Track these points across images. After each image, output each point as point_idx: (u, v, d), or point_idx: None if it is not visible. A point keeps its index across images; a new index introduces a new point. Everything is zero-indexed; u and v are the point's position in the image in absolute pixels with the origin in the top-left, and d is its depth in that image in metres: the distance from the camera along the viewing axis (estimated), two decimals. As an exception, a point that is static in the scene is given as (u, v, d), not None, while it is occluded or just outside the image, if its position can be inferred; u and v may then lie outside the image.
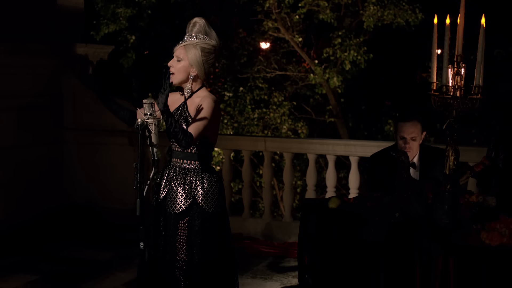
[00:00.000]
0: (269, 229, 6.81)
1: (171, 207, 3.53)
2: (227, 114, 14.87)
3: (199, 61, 3.55)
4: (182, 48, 3.55)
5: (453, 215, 3.20)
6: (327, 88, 14.77)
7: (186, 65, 3.55)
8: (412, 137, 4.25)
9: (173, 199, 3.53)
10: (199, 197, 3.51)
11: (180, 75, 3.56)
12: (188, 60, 3.54)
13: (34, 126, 6.71)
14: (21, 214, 6.53)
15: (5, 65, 6.34)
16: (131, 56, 14.59)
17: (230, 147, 7.16)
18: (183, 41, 3.57)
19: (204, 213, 3.50)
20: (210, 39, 3.58)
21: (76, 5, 7.21)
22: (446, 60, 3.08)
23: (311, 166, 6.76)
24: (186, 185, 3.52)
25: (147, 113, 3.46)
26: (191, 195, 3.51)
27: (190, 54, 3.53)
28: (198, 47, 3.54)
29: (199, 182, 3.52)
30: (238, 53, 15.17)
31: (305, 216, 3.82)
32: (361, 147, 6.54)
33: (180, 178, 3.55)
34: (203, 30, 3.58)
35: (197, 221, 3.50)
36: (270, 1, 13.90)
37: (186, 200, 3.50)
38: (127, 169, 6.43)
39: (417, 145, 4.27)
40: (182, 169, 3.57)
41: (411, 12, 13.79)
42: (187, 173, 3.55)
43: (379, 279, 3.22)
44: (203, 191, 3.52)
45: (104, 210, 6.96)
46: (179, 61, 3.55)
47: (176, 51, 3.58)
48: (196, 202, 3.51)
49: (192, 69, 3.56)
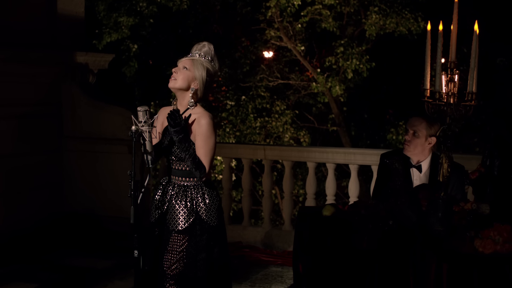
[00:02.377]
0: (268, 237, 6.79)
1: (174, 224, 3.54)
2: (229, 122, 14.87)
3: (203, 79, 3.59)
4: (190, 60, 3.59)
5: (447, 222, 3.19)
6: (329, 96, 14.77)
7: (191, 76, 3.57)
8: (414, 131, 4.21)
9: (175, 216, 3.54)
10: (202, 213, 3.54)
11: (182, 82, 3.57)
12: (194, 72, 3.57)
13: (34, 135, 6.68)
14: (21, 222, 6.49)
15: (5, 73, 6.31)
16: (134, 65, 14.60)
17: (230, 155, 7.17)
18: (192, 55, 3.61)
19: (209, 228, 3.54)
20: (215, 64, 3.62)
21: (77, 14, 7.18)
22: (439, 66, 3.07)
23: (310, 174, 6.75)
24: (188, 202, 3.54)
25: (141, 120, 3.47)
26: (193, 211, 3.53)
27: (196, 68, 3.57)
28: (205, 65, 3.59)
29: (201, 198, 3.55)
30: (241, 62, 15.16)
31: (299, 224, 3.81)
32: (361, 156, 6.54)
33: (180, 195, 3.57)
34: (211, 54, 3.64)
35: (202, 236, 3.53)
36: (273, 10, 13.91)
37: (189, 217, 3.53)
38: (127, 178, 6.36)
39: (419, 143, 4.20)
40: (182, 186, 3.59)
41: (413, 21, 13.79)
42: (187, 190, 3.57)
43: (373, 287, 3.21)
44: (205, 206, 3.55)
45: (104, 219, 6.91)
46: (185, 70, 3.58)
47: (182, 61, 3.61)
48: (199, 217, 3.53)
49: (195, 82, 3.58)
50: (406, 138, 4.26)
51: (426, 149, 4.24)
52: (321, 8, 13.93)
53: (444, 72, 3.15)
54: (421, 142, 4.21)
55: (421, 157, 4.27)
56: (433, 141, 4.22)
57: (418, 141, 4.21)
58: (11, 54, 6.31)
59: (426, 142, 4.22)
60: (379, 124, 15.85)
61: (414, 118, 4.29)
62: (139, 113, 3.47)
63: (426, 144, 4.23)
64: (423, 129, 4.20)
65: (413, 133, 4.23)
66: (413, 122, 4.26)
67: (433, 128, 4.21)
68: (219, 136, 14.52)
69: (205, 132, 3.52)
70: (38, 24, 6.76)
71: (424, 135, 4.20)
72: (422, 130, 4.20)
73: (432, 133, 4.21)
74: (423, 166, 4.24)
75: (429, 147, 4.24)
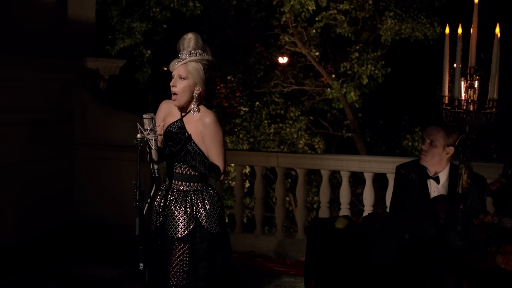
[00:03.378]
0: (281, 246, 6.66)
1: (173, 231, 3.41)
2: (243, 128, 14.77)
3: (203, 78, 3.43)
4: (184, 66, 3.42)
5: (467, 236, 3.03)
6: (344, 102, 14.65)
7: (191, 84, 3.42)
8: (431, 140, 4.04)
9: (174, 223, 3.42)
10: (203, 219, 3.41)
11: (184, 96, 3.43)
12: (193, 78, 3.41)
13: (44, 141, 6.62)
14: (30, 230, 6.43)
15: (14, 80, 6.26)
16: (147, 70, 14.59)
17: (242, 162, 7.04)
18: (182, 59, 3.43)
19: (209, 235, 3.40)
20: (208, 55, 3.45)
21: (87, 19, 7.13)
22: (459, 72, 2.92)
23: (324, 182, 6.60)
24: (187, 208, 3.40)
25: (147, 128, 3.36)
26: (193, 217, 3.40)
27: (193, 71, 3.41)
28: (200, 63, 3.42)
29: (201, 203, 3.42)
30: (255, 68, 15.12)
31: (311, 237, 3.67)
32: (376, 163, 6.39)
33: (180, 200, 3.44)
34: (200, 45, 3.46)
35: (203, 244, 3.40)
36: (287, 15, 13.85)
37: (189, 224, 3.39)
38: (144, 182, 6.29)
39: (437, 153, 4.03)
40: (181, 191, 3.46)
41: (429, 26, 13.70)
42: (187, 195, 3.44)
43: (388, 304, 3.06)
44: (206, 212, 3.41)
45: (114, 227, 6.82)
46: (182, 80, 3.42)
47: (176, 70, 3.44)
48: (200, 224, 3.40)
49: (196, 87, 3.43)
50: (423, 148, 4.08)
51: (443, 159, 4.07)
52: (336, 13, 13.88)
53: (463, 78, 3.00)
54: (438, 152, 4.04)
55: (439, 168, 4.09)
56: (451, 151, 4.04)
57: (436, 151, 4.04)
58: (21, 60, 6.26)
59: (444, 152, 4.04)
60: (394, 131, 15.70)
61: (431, 127, 4.13)
62: (145, 121, 3.35)
63: (443, 154, 4.05)
64: (440, 139, 4.03)
65: (430, 143, 4.06)
66: (430, 131, 4.09)
67: (451, 138, 4.03)
68: (233, 142, 14.42)
69: (212, 131, 3.39)
70: (48, 29, 6.71)
71: (441, 145, 4.03)
72: (439, 139, 4.03)
73: (450, 142, 4.03)
74: (441, 177, 4.07)
75: (447, 157, 4.07)
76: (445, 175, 4.07)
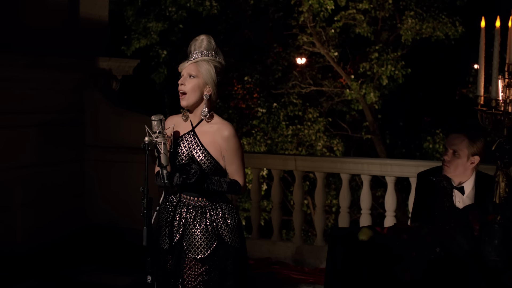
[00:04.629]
0: (299, 253, 6.42)
1: (194, 251, 3.15)
2: (260, 130, 14.57)
3: (214, 79, 3.17)
4: (194, 65, 3.17)
5: (505, 251, 2.76)
6: (363, 104, 14.41)
7: (201, 83, 3.16)
8: (453, 150, 3.70)
9: (196, 242, 3.15)
10: (226, 236, 3.16)
11: (194, 95, 3.17)
12: (203, 77, 3.16)
13: (55, 144, 6.48)
14: (41, 235, 6.29)
15: (24, 80, 6.12)
16: (163, 71, 14.47)
17: (259, 165, 6.80)
18: (193, 58, 3.18)
19: (233, 250, 3.17)
20: (220, 58, 3.21)
21: (100, 18, 6.99)
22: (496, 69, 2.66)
23: (344, 186, 6.35)
24: (208, 226, 3.15)
25: (155, 131, 3.13)
26: (215, 235, 3.15)
27: (204, 70, 3.15)
28: (211, 65, 3.17)
29: (221, 219, 3.17)
30: (273, 68, 14.94)
31: (332, 248, 3.41)
32: (398, 167, 6.12)
33: (198, 218, 3.17)
34: (213, 47, 3.20)
35: (228, 261, 3.17)
36: (305, 15, 13.66)
37: (211, 242, 3.14)
38: (152, 188, 6.12)
39: (460, 163, 3.69)
40: (198, 207, 3.20)
41: (450, 25, 13.47)
42: (206, 211, 3.18)
43: (417, 324, 2.80)
44: (228, 228, 3.17)
45: (127, 231, 6.59)
46: (192, 78, 3.17)
47: (186, 68, 3.19)
48: (223, 241, 3.15)
49: (207, 88, 3.18)
50: (445, 158, 3.73)
51: (468, 169, 3.73)
52: (355, 12, 13.69)
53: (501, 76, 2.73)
54: (462, 163, 3.70)
55: (463, 178, 3.75)
56: (477, 160, 3.71)
57: (459, 161, 3.70)
58: (31, 60, 6.13)
59: (468, 162, 3.71)
60: (415, 132, 15.39)
61: (453, 135, 3.76)
62: (153, 123, 3.12)
63: (468, 164, 3.71)
64: (464, 148, 3.69)
65: (453, 153, 3.71)
66: (452, 140, 3.74)
67: (475, 146, 3.69)
68: (250, 144, 14.22)
69: (234, 145, 3.16)
70: (60, 28, 6.58)
71: (465, 155, 3.69)
72: (463, 149, 3.69)
73: (474, 151, 3.68)
74: (466, 187, 3.74)
75: (471, 166, 3.73)
76: (471, 185, 3.75)
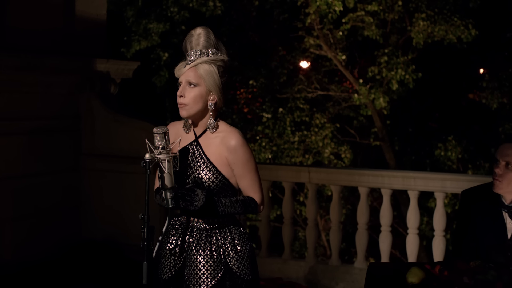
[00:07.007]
0: (313, 273, 5.94)
1: (196, 281, 2.67)
2: (265, 136, 14.11)
3: (218, 84, 2.68)
4: (193, 70, 2.68)
5: None
6: (372, 109, 13.96)
7: (203, 92, 2.68)
8: (506, 162, 3.23)
9: (198, 271, 2.68)
10: (234, 265, 2.67)
11: (196, 106, 2.70)
12: (205, 84, 2.67)
13: (47, 152, 6.15)
14: (32, 252, 5.94)
15: (16, 83, 5.80)
16: (164, 74, 14.10)
17: (268, 177, 6.27)
18: (191, 60, 2.70)
19: (242, 283, 2.68)
20: (223, 54, 2.71)
21: (98, 17, 6.69)
22: None
23: (362, 201, 5.85)
24: (213, 252, 2.66)
25: (158, 146, 2.61)
26: (221, 263, 2.66)
27: (206, 75, 2.67)
28: (213, 65, 2.67)
29: (229, 244, 2.67)
30: (277, 72, 14.57)
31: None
32: (422, 180, 5.62)
33: (203, 242, 2.69)
34: (213, 43, 2.70)
35: None
36: (312, 17, 13.25)
37: (217, 271, 2.65)
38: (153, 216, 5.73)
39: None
40: (203, 230, 2.71)
41: (463, 28, 12.98)
42: (212, 235, 2.69)
43: None
44: (237, 256, 2.66)
45: (126, 247, 6.23)
46: (193, 87, 2.69)
47: (184, 75, 2.72)
48: (230, 271, 2.66)
49: (211, 96, 2.69)
50: (497, 172, 3.26)
51: None
52: (363, 14, 13.30)
53: None
54: None
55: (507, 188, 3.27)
56: None
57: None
58: (23, 62, 5.83)
59: None
60: (425, 139, 14.91)
61: (507, 144, 3.30)
62: (156, 136, 2.61)
63: None
64: None
65: (506, 165, 3.24)
66: (505, 151, 3.27)
67: None
68: (254, 151, 13.75)
69: (243, 156, 2.67)
70: (54, 28, 6.29)
71: None
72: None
73: None
74: None
75: None
76: None
